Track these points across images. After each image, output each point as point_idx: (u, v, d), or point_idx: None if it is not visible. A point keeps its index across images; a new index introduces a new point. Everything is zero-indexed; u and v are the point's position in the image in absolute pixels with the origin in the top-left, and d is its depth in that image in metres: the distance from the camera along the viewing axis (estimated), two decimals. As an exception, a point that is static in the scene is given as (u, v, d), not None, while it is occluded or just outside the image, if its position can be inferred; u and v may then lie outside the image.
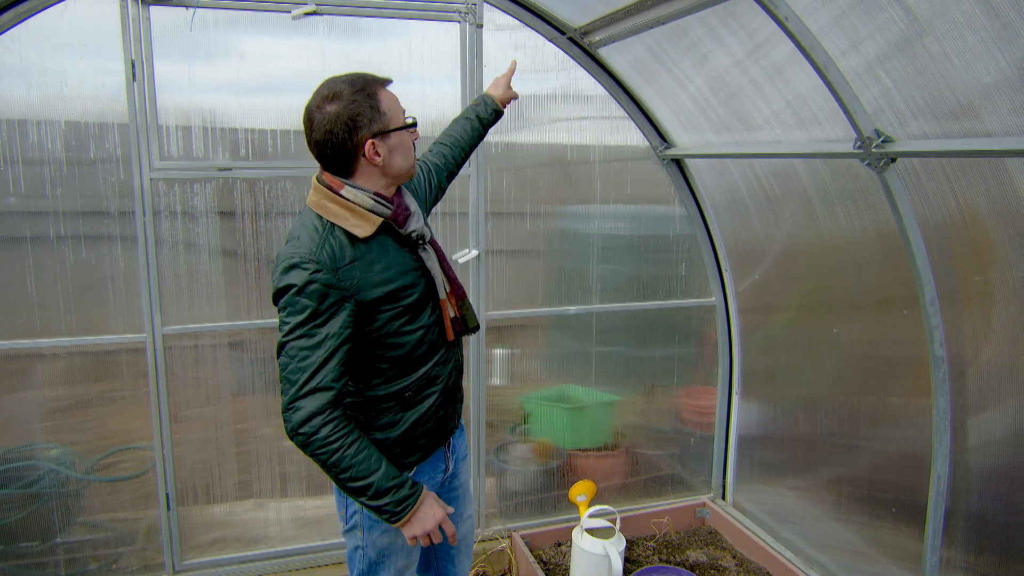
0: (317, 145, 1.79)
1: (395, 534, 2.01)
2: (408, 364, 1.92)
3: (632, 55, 3.10)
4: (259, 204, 2.98)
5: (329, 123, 1.74)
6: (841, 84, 2.07)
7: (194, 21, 2.76)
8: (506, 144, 3.25)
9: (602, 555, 2.89)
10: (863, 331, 2.84)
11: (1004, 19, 1.73)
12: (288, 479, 3.24)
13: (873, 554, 2.85)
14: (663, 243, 3.56)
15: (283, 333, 1.73)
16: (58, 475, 2.92)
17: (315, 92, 1.81)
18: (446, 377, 2.02)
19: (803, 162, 2.79)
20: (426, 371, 1.95)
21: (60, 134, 2.73)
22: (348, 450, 1.73)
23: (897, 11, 1.93)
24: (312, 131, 1.78)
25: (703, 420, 3.77)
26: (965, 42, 1.85)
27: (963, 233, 2.23)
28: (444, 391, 2.01)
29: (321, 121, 1.75)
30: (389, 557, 2.06)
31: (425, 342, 1.92)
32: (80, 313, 2.85)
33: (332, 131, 1.74)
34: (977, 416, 2.37)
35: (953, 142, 1.95)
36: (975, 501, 2.40)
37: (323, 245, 1.75)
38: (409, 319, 1.88)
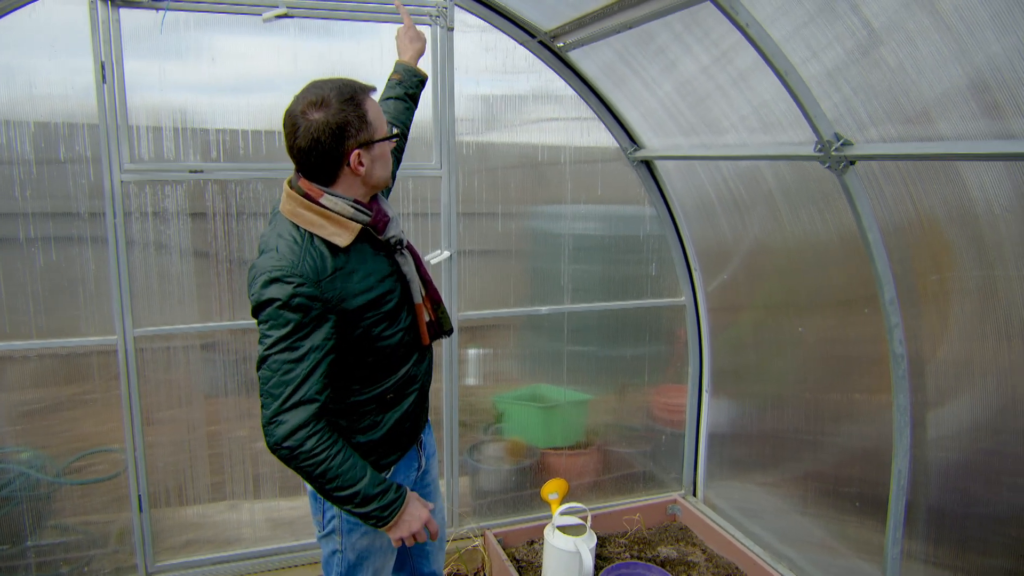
0: (301, 152, 1.75)
1: (375, 536, 2.03)
2: (388, 367, 1.94)
3: (602, 59, 3.14)
4: (231, 206, 2.98)
5: (316, 131, 1.71)
6: (801, 89, 2.12)
7: (164, 22, 2.76)
8: (478, 144, 3.28)
9: (573, 552, 2.93)
10: (827, 330, 2.91)
11: (954, 32, 1.79)
12: (261, 480, 3.24)
13: (839, 547, 2.92)
14: (634, 243, 3.61)
15: (265, 347, 1.71)
16: (29, 478, 2.91)
17: (299, 96, 1.77)
18: (423, 377, 2.07)
19: (768, 166, 2.85)
20: (405, 372, 1.98)
21: (29, 135, 2.72)
22: (334, 460, 1.73)
23: (855, 22, 1.98)
24: (296, 137, 1.74)
25: (674, 418, 3.83)
26: (919, 52, 1.91)
27: (921, 235, 2.30)
28: (421, 390, 2.07)
29: (307, 128, 1.71)
30: (368, 559, 2.08)
31: (403, 345, 1.95)
32: (50, 315, 2.84)
33: (318, 139, 1.71)
34: (936, 412, 2.44)
35: (908, 146, 2.02)
36: (934, 494, 2.47)
37: (304, 257, 1.73)
38: (388, 324, 1.89)
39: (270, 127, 2.98)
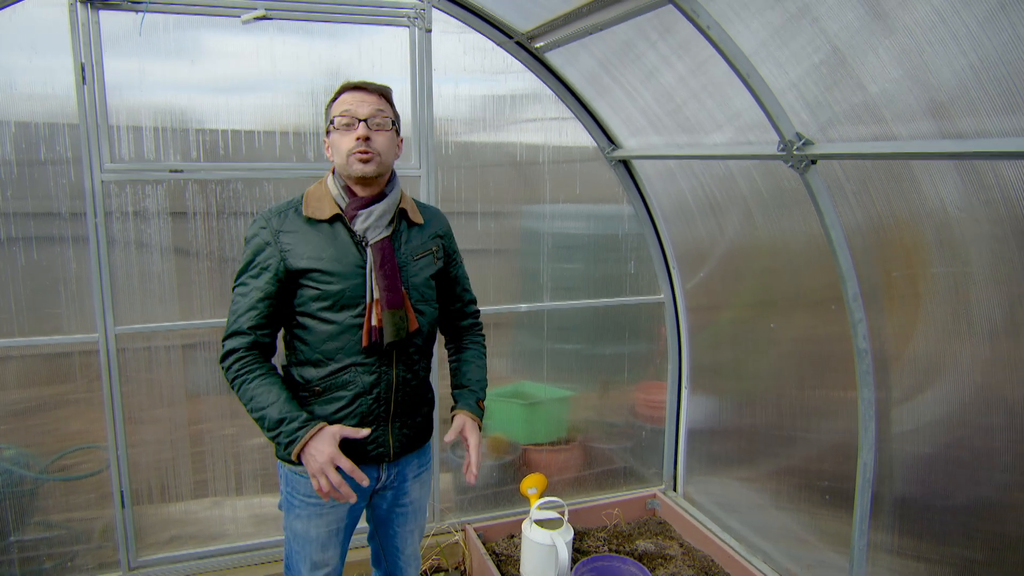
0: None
1: (306, 521, 2.09)
2: (319, 353, 2.00)
3: (585, 68, 3.20)
4: (211, 205, 3.02)
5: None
6: (763, 89, 2.17)
7: (144, 24, 2.80)
8: (457, 144, 3.32)
9: (549, 545, 2.97)
10: (800, 329, 2.96)
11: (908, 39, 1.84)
12: (245, 477, 3.29)
13: (812, 540, 2.96)
14: (612, 242, 3.65)
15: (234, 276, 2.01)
16: (12, 475, 2.95)
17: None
18: (364, 389, 2.02)
19: (741, 171, 2.90)
20: (338, 369, 2.00)
21: (10, 135, 2.76)
22: (252, 383, 1.93)
23: (816, 31, 2.04)
24: None
25: (655, 414, 3.87)
26: (879, 59, 1.96)
27: (883, 235, 2.35)
28: (359, 405, 2.02)
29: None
30: (304, 547, 2.13)
31: (340, 339, 1.98)
32: (32, 314, 2.87)
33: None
34: (901, 407, 2.48)
35: (865, 145, 2.06)
36: (899, 487, 2.52)
37: (282, 211, 1.99)
38: (329, 306, 1.97)
39: (249, 128, 3.02)
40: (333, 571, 2.20)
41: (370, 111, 1.95)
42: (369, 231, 1.98)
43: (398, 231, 2.06)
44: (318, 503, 2.09)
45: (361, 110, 1.94)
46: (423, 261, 2.11)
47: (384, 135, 1.97)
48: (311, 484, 2.06)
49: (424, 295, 2.11)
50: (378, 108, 1.97)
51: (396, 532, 2.30)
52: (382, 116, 1.97)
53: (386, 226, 2.01)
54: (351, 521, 2.20)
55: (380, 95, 1.99)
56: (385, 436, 2.09)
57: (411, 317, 2.03)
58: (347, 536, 2.22)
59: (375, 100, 1.97)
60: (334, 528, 2.14)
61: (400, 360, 2.06)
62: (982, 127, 1.79)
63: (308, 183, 3.09)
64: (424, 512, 2.36)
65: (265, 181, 3.06)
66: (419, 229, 2.13)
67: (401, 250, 2.05)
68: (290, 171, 3.08)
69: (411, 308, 2.04)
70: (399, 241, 2.06)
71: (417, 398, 2.15)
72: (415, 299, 2.07)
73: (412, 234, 2.10)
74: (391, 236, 2.02)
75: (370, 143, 1.94)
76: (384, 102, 2.00)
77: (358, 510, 2.21)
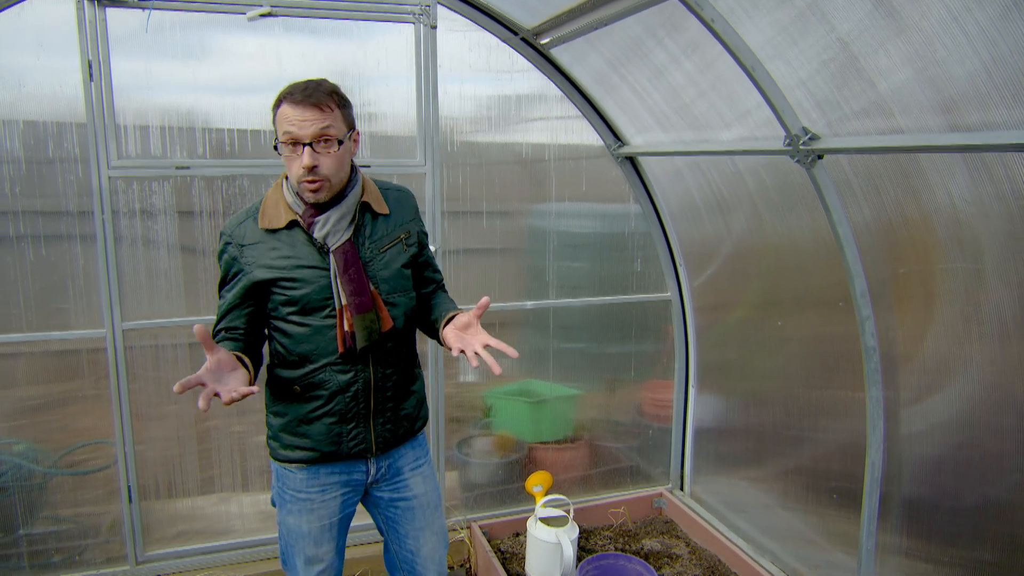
0: None
1: (297, 516, 2.10)
2: (295, 355, 2.00)
3: (594, 68, 3.19)
4: (217, 202, 3.03)
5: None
6: (768, 83, 2.14)
7: (150, 22, 2.81)
8: (462, 143, 3.31)
9: (555, 543, 2.96)
10: (807, 327, 2.93)
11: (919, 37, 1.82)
12: (250, 474, 3.29)
13: (820, 541, 2.93)
14: (619, 240, 3.63)
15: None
16: (22, 469, 2.97)
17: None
18: (339, 388, 2.01)
19: (748, 169, 2.87)
20: (313, 370, 2.00)
21: (19, 133, 2.78)
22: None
23: (825, 29, 2.01)
24: None
25: (661, 413, 3.85)
26: (889, 57, 1.93)
27: (891, 230, 2.31)
28: (336, 403, 2.02)
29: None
30: (298, 542, 2.12)
31: (313, 340, 1.97)
32: (41, 310, 2.90)
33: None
34: (910, 407, 2.45)
35: (872, 138, 2.03)
36: (908, 487, 2.48)
37: (241, 221, 1.98)
38: (299, 311, 1.96)
39: (255, 126, 3.03)
40: (329, 567, 2.18)
41: (314, 132, 1.81)
42: (328, 237, 1.93)
43: (361, 226, 2.00)
44: (308, 498, 2.09)
45: (304, 132, 1.81)
46: (390, 252, 2.04)
47: (332, 156, 1.85)
48: (301, 480, 2.09)
49: (396, 286, 2.05)
50: (322, 127, 1.82)
51: (407, 532, 2.22)
52: (328, 134, 1.83)
53: (347, 227, 1.95)
54: (345, 516, 2.19)
55: (324, 106, 1.83)
56: (366, 433, 2.07)
57: (383, 317, 1.99)
58: (342, 531, 2.19)
59: (318, 116, 1.81)
60: (326, 523, 2.12)
61: (377, 359, 2.03)
62: (991, 120, 1.76)
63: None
64: (439, 512, 2.29)
65: (271, 177, 3.07)
66: (384, 219, 2.05)
67: (365, 246, 1.99)
68: (296, 168, 3.08)
69: (383, 307, 1.99)
70: (362, 236, 2.00)
71: (399, 391, 2.11)
72: (386, 292, 2.01)
73: (377, 226, 2.03)
74: (353, 236, 1.96)
75: (317, 171, 1.84)
76: (330, 112, 1.84)
77: (350, 504, 2.18)
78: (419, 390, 2.22)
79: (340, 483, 2.12)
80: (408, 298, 2.10)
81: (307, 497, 2.09)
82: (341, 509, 2.15)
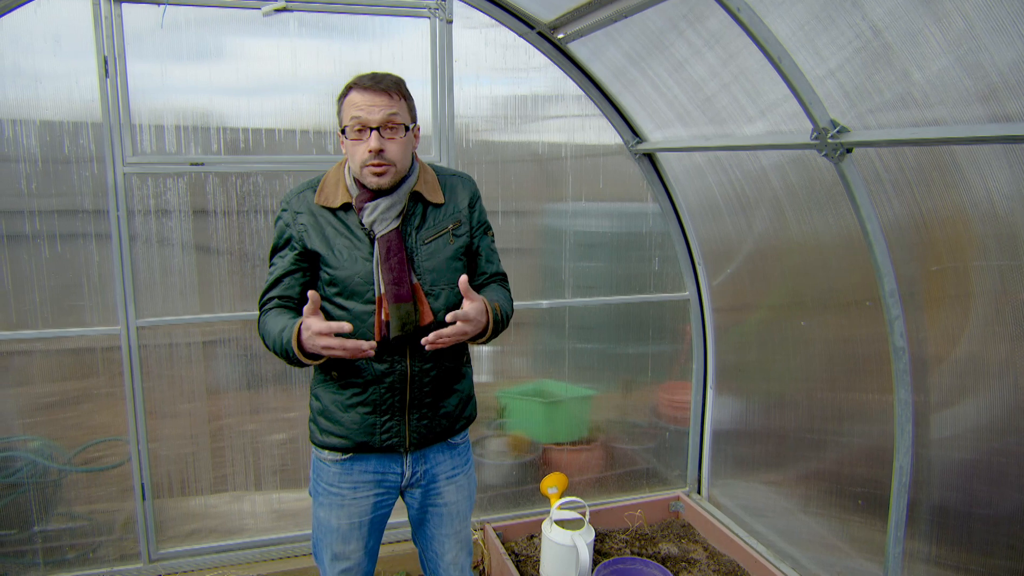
0: None
1: (328, 510, 2.08)
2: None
3: (612, 63, 3.14)
4: (231, 199, 3.01)
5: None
6: (795, 74, 2.08)
7: (165, 19, 2.79)
8: (478, 141, 3.27)
9: (570, 546, 2.91)
10: (831, 327, 2.86)
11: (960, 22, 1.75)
12: (264, 473, 3.27)
13: (843, 547, 2.86)
14: (636, 239, 3.58)
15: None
16: (37, 466, 2.96)
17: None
18: (375, 378, 1.99)
19: (773, 166, 2.81)
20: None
21: (35, 132, 2.76)
22: (266, 318, 1.99)
23: (857, 17, 1.95)
24: None
25: (679, 415, 3.79)
26: (927, 45, 1.87)
27: (923, 227, 2.25)
28: (372, 393, 2.00)
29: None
30: (326, 536, 2.11)
31: (358, 323, 1.95)
32: (56, 307, 2.88)
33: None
34: (940, 410, 2.38)
35: (904, 131, 1.97)
36: (937, 493, 2.41)
37: (301, 191, 2.01)
38: (339, 292, 1.96)
39: (269, 125, 3.01)
40: (356, 566, 2.14)
41: (382, 117, 1.85)
42: (376, 224, 1.93)
43: (411, 215, 1.98)
44: (339, 493, 2.07)
45: (373, 116, 1.84)
46: (436, 243, 2.00)
47: (398, 142, 1.88)
48: (335, 474, 2.07)
49: (440, 277, 1.99)
50: (390, 112, 1.86)
51: (432, 535, 2.22)
52: (395, 121, 1.87)
53: (395, 217, 1.94)
54: (377, 516, 2.14)
55: (392, 93, 1.87)
56: (400, 426, 2.03)
57: (423, 310, 1.94)
58: (373, 531, 2.15)
59: (387, 102, 1.85)
60: (356, 521, 2.09)
61: (415, 351, 1.99)
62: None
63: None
64: (466, 522, 2.26)
65: (285, 174, 3.04)
66: (436, 209, 2.02)
67: (412, 235, 1.98)
68: (310, 163, 3.05)
69: (423, 300, 1.95)
70: (410, 226, 1.98)
71: (439, 387, 2.06)
72: (429, 283, 1.97)
73: (427, 215, 2.00)
74: (401, 225, 1.95)
75: (384, 155, 1.86)
76: (397, 100, 1.89)
77: (384, 506, 2.15)
78: (464, 388, 2.15)
79: (373, 482, 2.09)
80: (453, 292, 2.02)
81: (339, 492, 2.07)
82: (373, 509, 2.11)
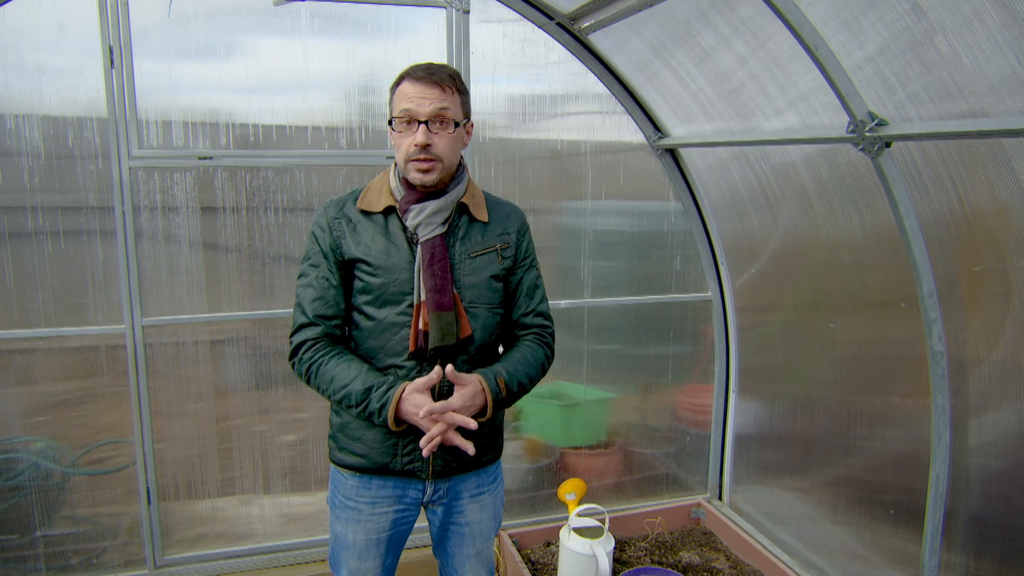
0: None
1: (344, 524, 2.00)
2: (364, 351, 1.91)
3: (635, 54, 3.04)
4: (240, 195, 2.92)
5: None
6: (831, 63, 1.98)
7: (173, 10, 2.71)
8: (494, 138, 3.18)
9: (589, 555, 2.81)
10: (861, 329, 2.75)
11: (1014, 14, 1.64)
12: (273, 476, 3.19)
13: (872, 557, 2.76)
14: (657, 238, 3.47)
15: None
16: (39, 468, 2.88)
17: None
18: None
19: (803, 160, 2.71)
20: (380, 369, 1.88)
21: (38, 127, 2.68)
22: (329, 364, 1.84)
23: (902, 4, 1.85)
24: None
25: (700, 419, 3.68)
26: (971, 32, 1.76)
27: (965, 225, 2.14)
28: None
29: None
30: (343, 551, 2.02)
31: (381, 337, 1.87)
32: (59, 305, 2.80)
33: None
34: (979, 416, 2.27)
35: (948, 123, 1.86)
36: (975, 503, 2.30)
37: (342, 200, 1.93)
38: (372, 300, 1.87)
39: (280, 121, 2.92)
40: None
41: (431, 111, 1.76)
42: (420, 228, 1.83)
43: (455, 226, 1.89)
44: (356, 508, 1.98)
45: (422, 109, 1.76)
46: (481, 260, 1.91)
47: (446, 137, 1.79)
48: (352, 487, 1.98)
49: (479, 296, 1.90)
50: (441, 106, 1.77)
51: (453, 554, 2.11)
52: (445, 115, 1.78)
53: (441, 223, 1.85)
54: (397, 533, 2.04)
55: (445, 86, 1.78)
56: (414, 445, 1.90)
57: (463, 323, 1.85)
58: (391, 549, 2.05)
59: (438, 95, 1.77)
60: (373, 538, 2.00)
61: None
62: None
63: (340, 172, 3.01)
64: (489, 542, 2.15)
65: (296, 169, 2.95)
66: (481, 226, 1.93)
67: (455, 247, 1.88)
68: (322, 158, 2.97)
69: (463, 312, 1.86)
70: (454, 238, 1.89)
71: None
72: (468, 300, 1.88)
73: (471, 230, 1.92)
74: (446, 233, 1.86)
75: (430, 149, 1.77)
76: (451, 94, 1.79)
77: (404, 523, 2.04)
78: (492, 421, 1.96)
79: (393, 499, 1.98)
80: (491, 313, 1.93)
81: (355, 507, 1.97)
82: (392, 526, 2.01)
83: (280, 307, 3.03)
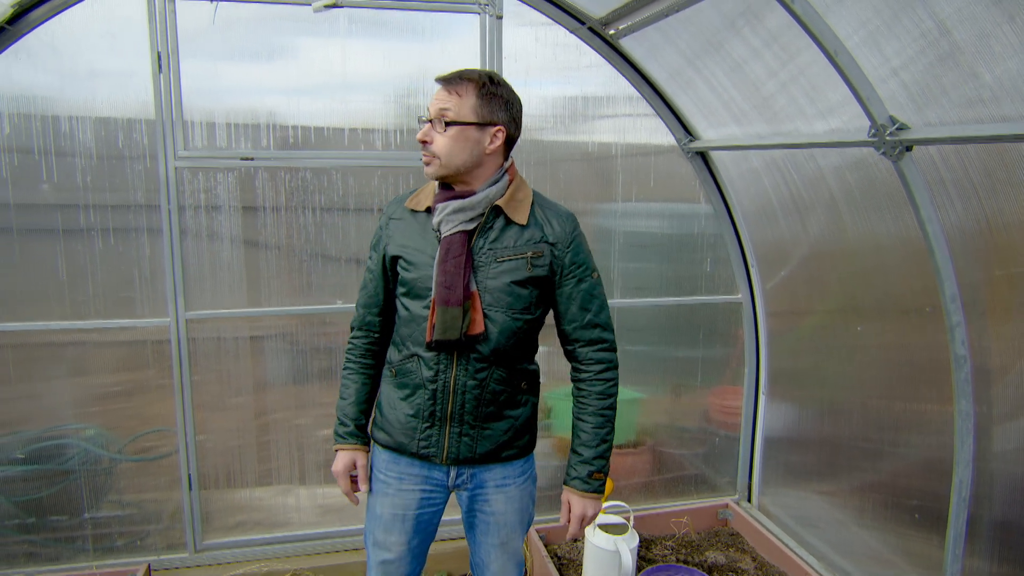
0: None
1: (375, 496, 2.12)
2: (399, 336, 2.04)
3: (668, 62, 3.08)
4: (280, 195, 3.04)
5: None
6: (852, 68, 1.99)
7: (217, 16, 2.83)
8: (527, 140, 3.22)
9: (613, 551, 2.85)
10: (889, 334, 2.74)
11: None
12: (309, 468, 3.29)
13: (898, 562, 2.75)
14: (687, 240, 3.50)
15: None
16: (88, 454, 3.04)
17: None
18: (422, 383, 1.97)
19: (831, 169, 2.72)
20: (406, 357, 1.99)
21: (91, 128, 2.84)
22: (343, 372, 2.16)
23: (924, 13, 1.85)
24: None
25: (729, 420, 3.69)
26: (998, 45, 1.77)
27: (988, 230, 2.13)
28: (417, 397, 1.98)
29: None
30: (371, 521, 2.14)
31: (410, 326, 1.97)
32: (109, 299, 2.95)
33: None
34: (1004, 423, 2.25)
35: (969, 127, 1.86)
36: (999, 509, 2.29)
37: (401, 199, 2.06)
38: (406, 293, 1.98)
39: (319, 124, 3.03)
40: (398, 560, 2.10)
41: (436, 110, 1.85)
42: (443, 224, 1.90)
43: (488, 228, 1.92)
44: (386, 481, 2.08)
45: (432, 108, 1.87)
46: (508, 264, 1.91)
47: (442, 136, 1.84)
48: (384, 461, 2.11)
49: (498, 300, 1.92)
50: (443, 106, 1.83)
51: (480, 542, 2.16)
52: (445, 115, 1.84)
53: (467, 221, 1.89)
54: (424, 514, 2.09)
55: (454, 90, 1.84)
56: (439, 437, 1.98)
57: (474, 319, 1.89)
58: (418, 529, 2.10)
59: (445, 98, 1.84)
60: (400, 513, 2.07)
61: (462, 364, 1.93)
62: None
63: (375, 173, 3.11)
64: (515, 533, 2.16)
65: (333, 170, 3.06)
66: (518, 230, 1.93)
67: (483, 248, 1.91)
68: (358, 159, 3.07)
69: (478, 309, 1.90)
70: (484, 239, 1.91)
71: (483, 408, 1.97)
72: (487, 303, 1.91)
73: (505, 233, 1.92)
74: (474, 232, 1.91)
75: (428, 146, 1.87)
76: (458, 97, 1.84)
77: (431, 504, 2.10)
78: (518, 416, 2.04)
79: (419, 477, 2.06)
80: (512, 318, 1.94)
81: (385, 480, 2.09)
82: (418, 505, 2.07)
83: (317, 303, 3.14)
